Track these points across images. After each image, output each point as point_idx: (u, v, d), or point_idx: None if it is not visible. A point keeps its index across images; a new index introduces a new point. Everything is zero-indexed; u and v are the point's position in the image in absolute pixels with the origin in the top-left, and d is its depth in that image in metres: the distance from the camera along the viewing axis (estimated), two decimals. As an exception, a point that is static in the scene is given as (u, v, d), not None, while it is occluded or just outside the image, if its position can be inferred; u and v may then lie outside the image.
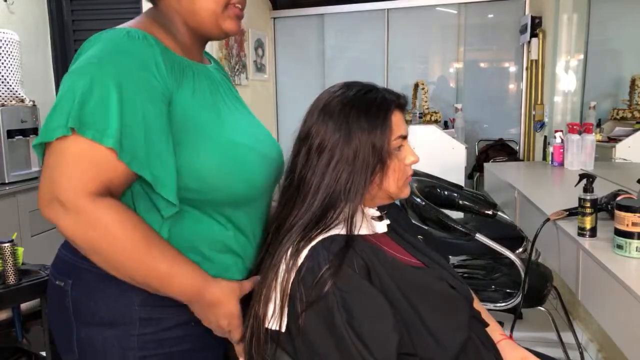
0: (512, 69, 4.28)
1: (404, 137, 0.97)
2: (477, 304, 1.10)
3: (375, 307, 0.85)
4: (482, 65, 4.44)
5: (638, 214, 1.12)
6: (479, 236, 1.85)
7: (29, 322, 1.46)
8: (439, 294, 0.96)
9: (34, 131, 2.83)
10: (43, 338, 1.43)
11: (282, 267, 0.88)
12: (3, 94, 2.66)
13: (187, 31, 0.96)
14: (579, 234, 1.31)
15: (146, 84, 0.83)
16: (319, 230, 0.90)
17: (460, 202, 2.23)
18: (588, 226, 1.29)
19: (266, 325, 0.88)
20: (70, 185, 0.77)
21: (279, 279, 0.88)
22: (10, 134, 2.66)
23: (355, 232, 0.92)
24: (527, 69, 3.91)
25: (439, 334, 0.90)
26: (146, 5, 3.85)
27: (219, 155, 0.89)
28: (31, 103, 2.81)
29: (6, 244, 1.36)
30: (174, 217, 0.88)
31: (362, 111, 0.93)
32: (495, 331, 1.08)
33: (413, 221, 1.69)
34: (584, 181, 1.32)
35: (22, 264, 1.44)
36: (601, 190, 1.39)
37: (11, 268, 1.35)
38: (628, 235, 1.14)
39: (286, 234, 0.92)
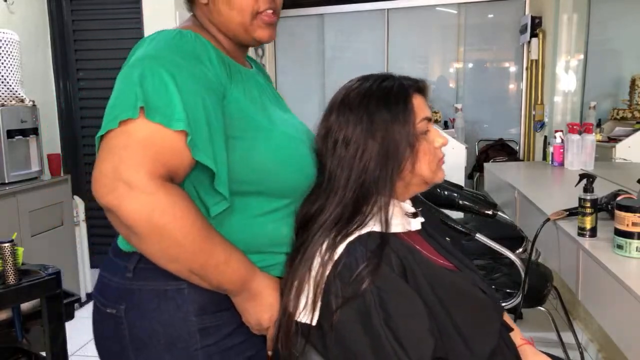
0: (512, 69, 4.28)
1: (429, 120, 0.96)
2: None
3: (412, 308, 0.84)
4: (482, 65, 4.44)
5: (638, 214, 1.12)
6: (479, 236, 1.85)
7: (29, 322, 1.46)
8: (472, 299, 0.94)
9: (34, 131, 2.83)
10: (43, 338, 1.43)
11: (317, 260, 0.87)
12: (3, 94, 2.66)
13: (224, 38, 0.96)
14: (579, 234, 1.31)
15: (201, 76, 0.82)
16: (355, 226, 0.89)
17: (460, 202, 2.23)
18: (588, 226, 1.29)
19: (296, 319, 0.87)
20: (141, 166, 0.74)
21: (313, 273, 0.87)
22: (10, 134, 2.65)
23: (390, 229, 0.91)
24: (527, 69, 3.91)
25: (471, 339, 0.89)
26: (146, 6, 3.83)
27: (275, 146, 0.90)
28: (31, 103, 2.81)
29: (6, 244, 1.35)
30: (221, 216, 0.86)
31: (381, 100, 0.93)
32: (516, 335, 1.07)
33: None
34: (584, 181, 1.32)
35: (22, 264, 1.44)
36: (601, 190, 1.39)
37: (11, 268, 1.35)
38: (628, 235, 1.14)
39: (318, 229, 0.91)
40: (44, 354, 1.48)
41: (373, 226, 0.90)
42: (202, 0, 0.94)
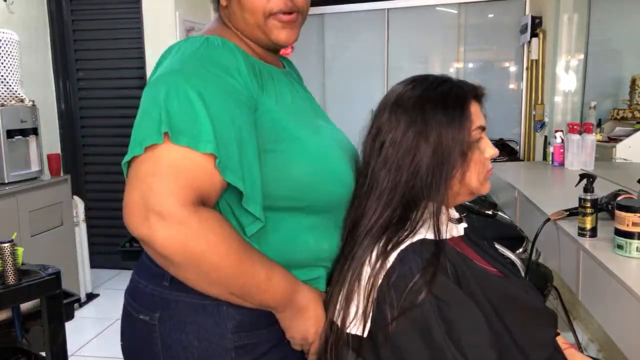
0: (512, 69, 4.28)
1: (483, 129, 0.93)
2: None
3: (473, 318, 0.81)
4: (482, 65, 4.44)
5: (638, 214, 1.12)
6: (479, 236, 1.84)
7: (28, 322, 1.46)
8: (525, 306, 0.91)
9: (34, 131, 2.83)
10: (43, 338, 1.43)
11: (366, 270, 0.84)
12: (3, 94, 2.66)
13: (249, 40, 0.93)
14: (579, 234, 1.31)
15: (231, 90, 0.79)
16: (406, 233, 0.85)
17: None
18: (588, 226, 1.29)
19: (347, 330, 0.84)
20: (170, 195, 0.71)
21: (363, 282, 0.83)
22: (10, 134, 2.65)
23: (443, 236, 0.88)
24: (527, 69, 3.91)
25: (526, 349, 0.86)
26: (146, 6, 3.84)
27: (312, 159, 0.86)
28: (31, 103, 2.81)
29: (6, 244, 1.35)
30: (259, 234, 0.84)
31: (439, 103, 0.88)
32: (558, 338, 1.04)
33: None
34: (584, 181, 1.32)
35: (22, 264, 1.44)
36: (601, 190, 1.39)
37: (11, 268, 1.35)
38: (628, 235, 1.14)
39: (365, 235, 0.87)
40: (43, 354, 1.48)
41: (425, 233, 0.87)
42: (222, 2, 0.91)
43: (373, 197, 0.89)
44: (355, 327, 0.84)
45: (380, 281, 0.82)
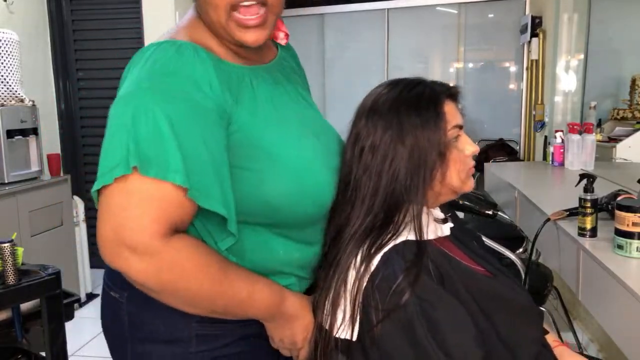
0: (513, 68, 4.28)
1: (460, 127, 0.93)
2: None
3: (456, 318, 0.81)
4: (482, 65, 4.44)
5: (638, 214, 1.12)
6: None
7: (28, 322, 1.46)
8: (512, 305, 0.92)
9: (34, 131, 2.83)
10: (43, 338, 1.43)
11: (352, 274, 0.84)
12: (3, 94, 2.66)
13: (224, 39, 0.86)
14: (579, 234, 1.31)
15: (202, 110, 0.75)
16: (389, 236, 0.86)
17: (460, 202, 2.22)
18: (588, 226, 1.29)
19: (335, 335, 0.85)
20: (140, 228, 0.70)
21: (349, 286, 0.84)
22: (10, 134, 2.65)
23: (425, 237, 0.88)
24: (527, 68, 3.91)
25: (514, 347, 0.86)
26: (146, 6, 3.83)
27: (286, 180, 0.83)
28: (31, 103, 2.81)
29: (6, 244, 1.35)
30: (237, 245, 0.84)
31: (412, 106, 0.89)
32: (549, 337, 1.04)
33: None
34: (585, 181, 1.32)
35: (22, 264, 1.44)
36: (601, 190, 1.39)
37: (11, 268, 1.35)
38: (628, 235, 1.14)
39: (349, 240, 0.87)
40: (43, 354, 1.47)
41: (407, 235, 0.87)
42: None
43: (357, 203, 0.89)
44: (344, 332, 0.84)
45: (365, 284, 0.82)
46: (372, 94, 0.94)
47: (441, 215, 0.98)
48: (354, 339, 0.83)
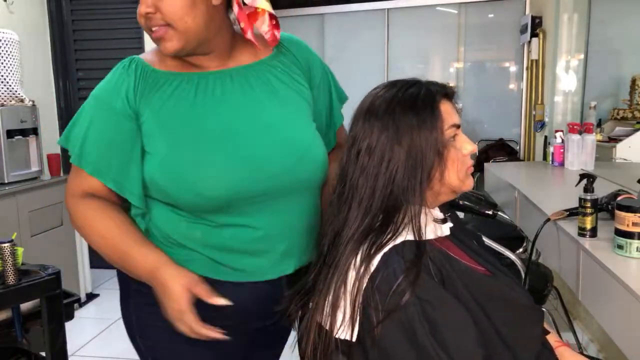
0: (513, 68, 4.28)
1: (457, 126, 0.93)
2: None
3: (457, 318, 0.81)
4: (482, 65, 4.44)
5: (638, 214, 1.12)
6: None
7: (28, 322, 1.46)
8: (512, 304, 0.92)
9: (34, 131, 2.83)
10: (43, 338, 1.43)
11: (351, 274, 0.84)
12: (3, 94, 2.66)
13: None
14: (579, 234, 1.31)
15: (111, 110, 1.01)
16: (388, 236, 0.86)
17: (460, 202, 2.21)
18: (588, 226, 1.29)
19: (335, 335, 0.85)
20: (67, 190, 1.06)
21: (349, 287, 0.84)
22: (10, 134, 2.65)
23: (424, 237, 0.88)
24: (527, 68, 3.91)
25: (514, 346, 0.86)
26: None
27: (165, 169, 0.99)
28: (31, 103, 2.81)
29: (6, 244, 1.35)
30: (150, 213, 1.06)
31: (408, 106, 0.89)
32: (551, 337, 1.04)
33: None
34: (585, 181, 1.32)
35: (22, 264, 1.44)
36: (601, 190, 1.39)
37: (11, 268, 1.35)
38: (628, 235, 1.14)
39: (347, 242, 0.88)
40: (43, 354, 1.48)
41: (406, 235, 0.87)
42: None
43: (354, 206, 0.89)
44: (344, 333, 0.84)
45: (365, 285, 0.82)
46: (369, 96, 0.95)
47: (440, 215, 0.97)
48: (354, 339, 0.83)
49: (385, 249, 0.85)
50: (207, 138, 1.00)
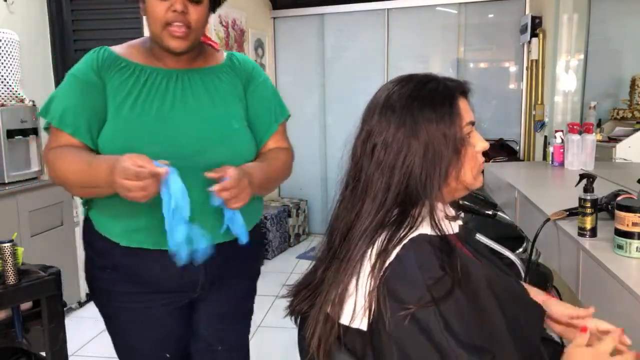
0: (512, 68, 4.28)
1: (473, 124, 0.92)
2: None
3: (472, 314, 0.81)
4: (482, 65, 4.44)
5: (638, 214, 1.12)
6: (479, 236, 1.85)
7: (29, 322, 1.46)
8: (521, 301, 0.93)
9: (34, 131, 2.82)
10: (43, 338, 1.43)
11: (365, 268, 0.84)
12: (3, 94, 2.66)
13: (157, 46, 1.25)
14: (579, 234, 1.31)
15: (81, 80, 1.23)
16: (405, 230, 0.85)
17: (460, 202, 2.21)
18: (588, 226, 1.29)
19: (346, 324, 0.85)
20: (45, 147, 1.26)
21: (361, 280, 0.84)
22: (10, 134, 2.65)
23: (445, 232, 0.88)
24: (527, 68, 3.91)
25: (522, 342, 0.87)
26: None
27: (112, 134, 1.20)
28: (31, 103, 2.81)
29: (6, 244, 1.35)
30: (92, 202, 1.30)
31: (426, 102, 0.88)
32: (532, 291, 1.07)
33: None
34: (584, 181, 1.32)
35: (22, 264, 1.44)
36: (601, 190, 1.39)
37: (11, 268, 1.35)
38: (628, 235, 1.14)
39: (360, 235, 0.87)
40: (44, 354, 1.47)
41: (424, 230, 0.87)
42: (142, 13, 1.23)
43: (368, 200, 0.89)
44: (356, 323, 0.84)
45: (380, 278, 0.82)
46: (384, 90, 0.93)
47: (453, 213, 0.97)
48: (364, 328, 0.83)
49: (403, 243, 0.84)
50: (144, 120, 1.21)
